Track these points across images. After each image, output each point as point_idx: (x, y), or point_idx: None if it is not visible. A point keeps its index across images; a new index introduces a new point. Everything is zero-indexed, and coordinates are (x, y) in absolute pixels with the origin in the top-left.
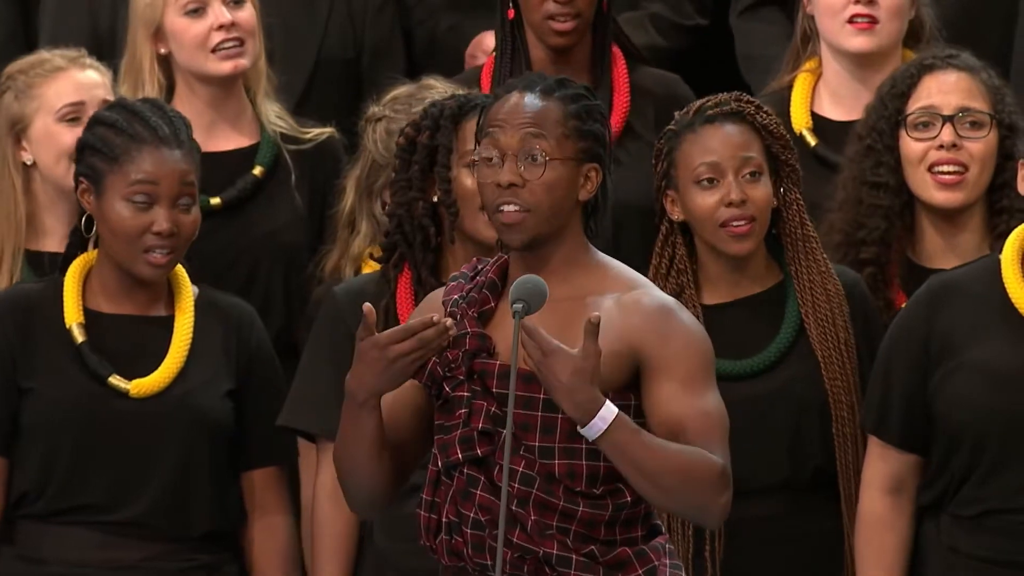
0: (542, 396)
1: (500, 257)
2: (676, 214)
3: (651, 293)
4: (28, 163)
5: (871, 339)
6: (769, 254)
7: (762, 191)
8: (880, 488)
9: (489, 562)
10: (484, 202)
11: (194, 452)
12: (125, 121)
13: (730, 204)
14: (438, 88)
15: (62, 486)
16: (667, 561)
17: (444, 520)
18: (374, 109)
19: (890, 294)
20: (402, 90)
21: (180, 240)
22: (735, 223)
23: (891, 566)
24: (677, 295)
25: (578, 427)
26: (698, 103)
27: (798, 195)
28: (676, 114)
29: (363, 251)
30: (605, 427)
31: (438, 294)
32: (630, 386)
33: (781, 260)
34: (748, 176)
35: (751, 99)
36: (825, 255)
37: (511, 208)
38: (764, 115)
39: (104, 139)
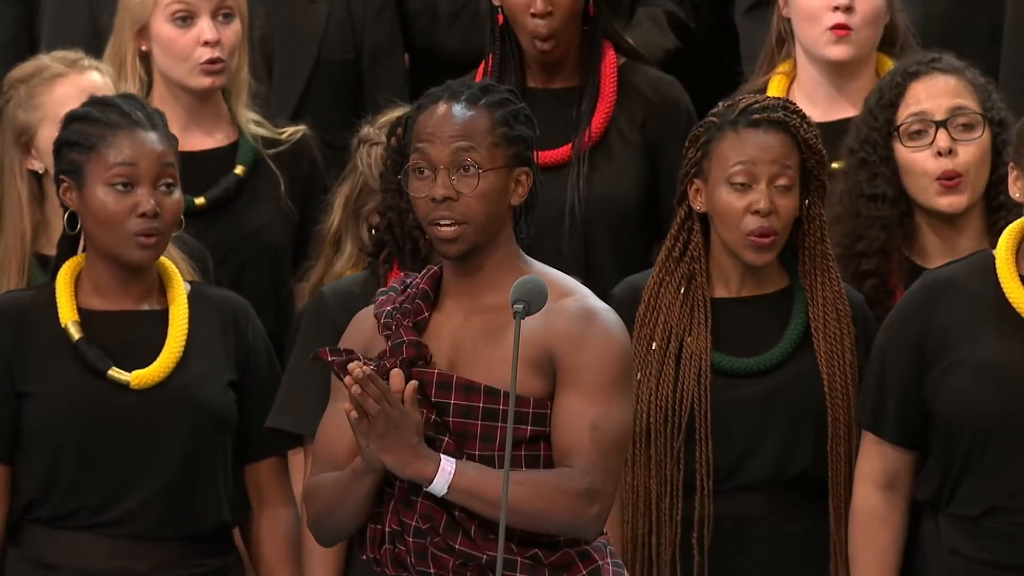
0: (481, 405)
1: (430, 268)
2: (699, 205)
3: (580, 299)
4: (40, 172)
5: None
6: (778, 258)
7: (790, 203)
8: (874, 483)
9: (432, 570)
10: (419, 215)
11: (199, 442)
12: (98, 112)
13: (757, 212)
14: None
15: (69, 485)
16: (610, 560)
17: (387, 530)
18: (368, 131)
19: (893, 303)
20: (398, 113)
21: (165, 223)
22: (759, 235)
23: (884, 562)
24: (688, 281)
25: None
26: (745, 102)
27: (821, 210)
28: (720, 104)
29: (345, 272)
30: (452, 469)
31: (368, 310)
32: (549, 394)
33: (788, 265)
34: (780, 188)
35: (797, 109)
36: (839, 274)
37: (447, 223)
38: (806, 128)
39: (80, 132)
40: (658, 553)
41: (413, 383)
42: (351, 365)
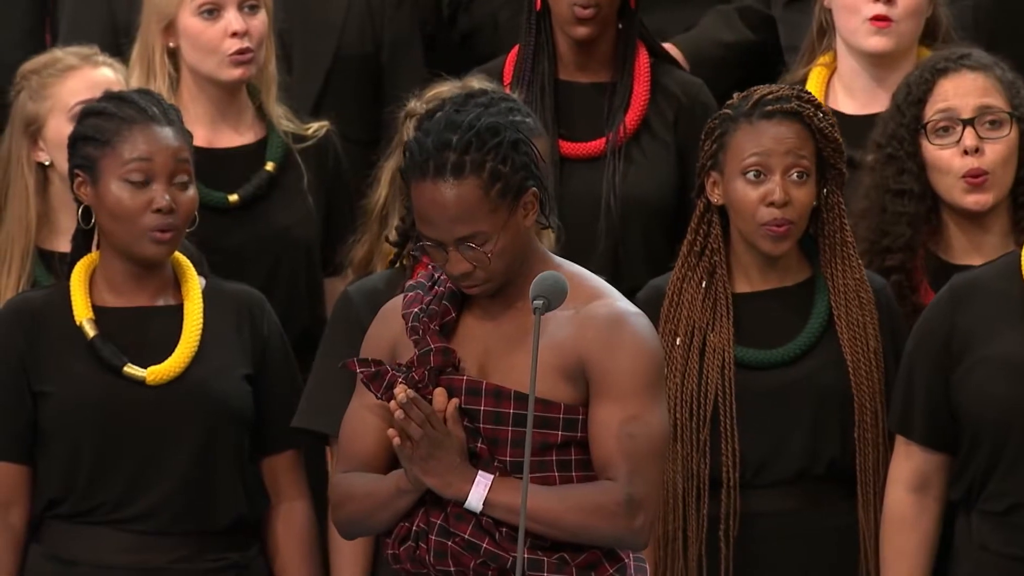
0: (511, 411)
1: None
2: (716, 197)
3: (610, 304)
4: (45, 163)
5: (897, 345)
6: (800, 249)
7: (806, 193)
8: (905, 486)
9: (452, 568)
10: (447, 276)
11: (216, 437)
12: (114, 106)
13: (772, 204)
14: (495, 90)
15: (88, 482)
16: (632, 556)
17: (414, 528)
18: (415, 104)
19: (918, 299)
20: (444, 88)
21: (179, 218)
22: (775, 225)
23: (914, 564)
24: (710, 275)
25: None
26: (759, 93)
27: (840, 198)
28: (734, 95)
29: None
30: (488, 484)
31: (396, 305)
32: (581, 401)
33: (810, 256)
34: (795, 177)
35: (811, 98)
36: (860, 261)
37: (475, 285)
38: (821, 117)
39: (95, 127)
40: (685, 548)
41: (454, 401)
42: (396, 390)
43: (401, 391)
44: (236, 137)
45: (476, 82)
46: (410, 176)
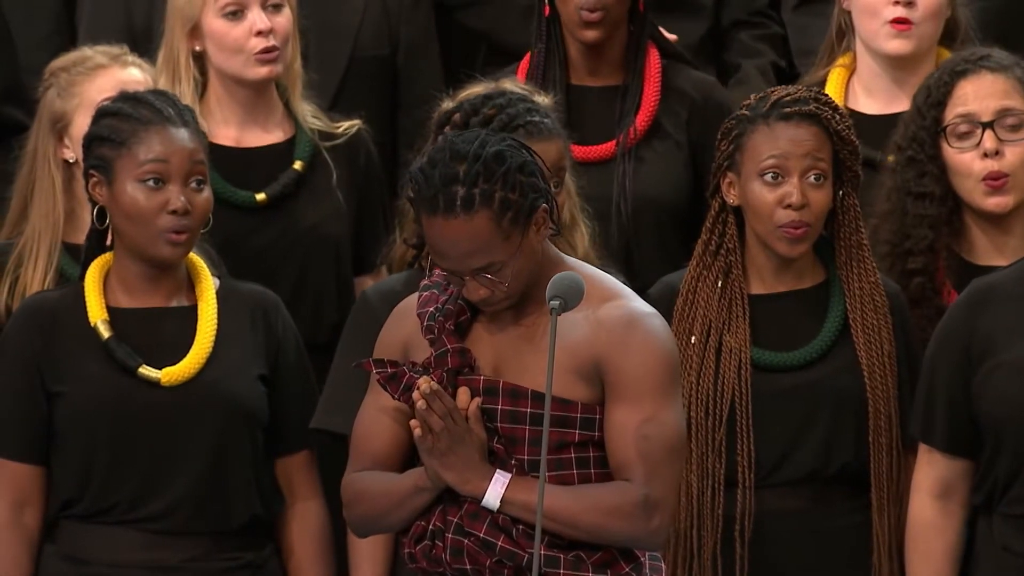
0: (528, 410)
1: None
2: (732, 198)
3: (624, 304)
4: (70, 160)
5: (909, 351)
6: (814, 252)
7: (823, 196)
8: (929, 493)
9: (468, 567)
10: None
11: (230, 437)
12: (129, 107)
13: (789, 206)
14: (513, 91)
15: (103, 482)
16: (647, 555)
17: (430, 527)
18: (448, 104)
19: (941, 301)
20: (478, 89)
21: (195, 220)
22: (792, 227)
23: (940, 569)
24: (725, 275)
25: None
26: (777, 94)
27: (855, 200)
28: (751, 96)
29: None
30: (505, 483)
31: (411, 304)
32: (598, 400)
33: (825, 258)
34: (812, 179)
35: (828, 100)
36: (875, 264)
37: (493, 305)
38: (839, 120)
39: (111, 127)
40: (699, 547)
41: (477, 400)
42: (419, 381)
43: (425, 382)
44: (265, 136)
45: (509, 83)
46: (419, 209)
